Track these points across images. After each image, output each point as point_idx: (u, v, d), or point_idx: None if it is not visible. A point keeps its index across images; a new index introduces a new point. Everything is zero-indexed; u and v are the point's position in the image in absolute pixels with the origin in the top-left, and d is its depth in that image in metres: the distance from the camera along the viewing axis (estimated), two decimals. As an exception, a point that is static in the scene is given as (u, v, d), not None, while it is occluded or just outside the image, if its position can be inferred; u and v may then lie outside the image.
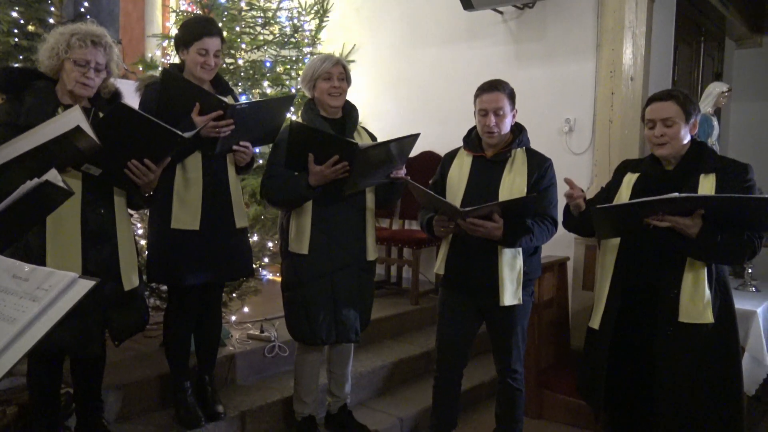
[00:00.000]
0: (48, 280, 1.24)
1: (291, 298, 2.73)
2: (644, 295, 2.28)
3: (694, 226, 2.12)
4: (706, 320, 2.18)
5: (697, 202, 2.10)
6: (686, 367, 2.21)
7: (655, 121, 2.28)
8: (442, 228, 2.55)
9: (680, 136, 2.25)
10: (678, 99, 2.26)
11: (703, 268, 2.20)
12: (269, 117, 2.61)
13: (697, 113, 2.30)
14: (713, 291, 2.21)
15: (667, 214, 2.12)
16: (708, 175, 2.23)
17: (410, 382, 3.66)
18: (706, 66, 5.34)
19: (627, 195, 2.35)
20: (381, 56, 5.26)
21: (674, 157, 2.29)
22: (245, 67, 4.23)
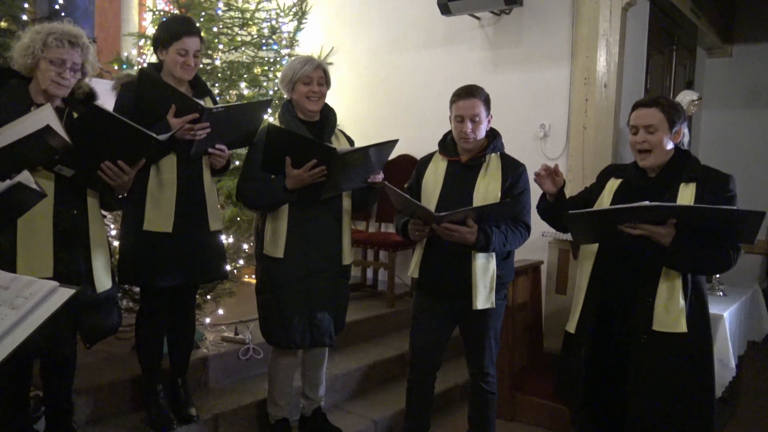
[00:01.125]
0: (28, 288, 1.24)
1: (265, 301, 2.72)
2: (620, 301, 2.29)
3: (667, 235, 2.11)
4: (680, 329, 2.18)
5: (668, 211, 2.10)
6: (660, 373, 2.23)
7: (638, 127, 2.27)
8: (417, 232, 2.56)
9: (662, 144, 2.24)
10: (662, 106, 2.25)
11: (678, 278, 2.19)
12: (246, 120, 2.60)
13: (682, 121, 2.27)
14: (688, 300, 2.21)
15: (641, 222, 2.12)
16: (688, 185, 2.21)
17: (385, 385, 3.67)
18: (678, 74, 5.43)
19: (608, 200, 2.35)
20: (359, 59, 5.27)
21: (657, 165, 2.28)
22: (222, 67, 4.21)
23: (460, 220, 2.44)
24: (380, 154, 2.59)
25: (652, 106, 2.25)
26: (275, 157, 2.52)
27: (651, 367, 2.23)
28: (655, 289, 2.20)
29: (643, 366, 2.24)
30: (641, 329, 2.23)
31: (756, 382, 4.41)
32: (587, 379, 2.35)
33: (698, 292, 2.26)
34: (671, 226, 2.11)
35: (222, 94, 4.09)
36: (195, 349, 3.14)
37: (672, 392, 2.22)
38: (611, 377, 2.33)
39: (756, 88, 5.99)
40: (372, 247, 4.63)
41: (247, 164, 2.70)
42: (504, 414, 3.58)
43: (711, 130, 6.20)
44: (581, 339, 2.35)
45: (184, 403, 2.80)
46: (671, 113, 2.24)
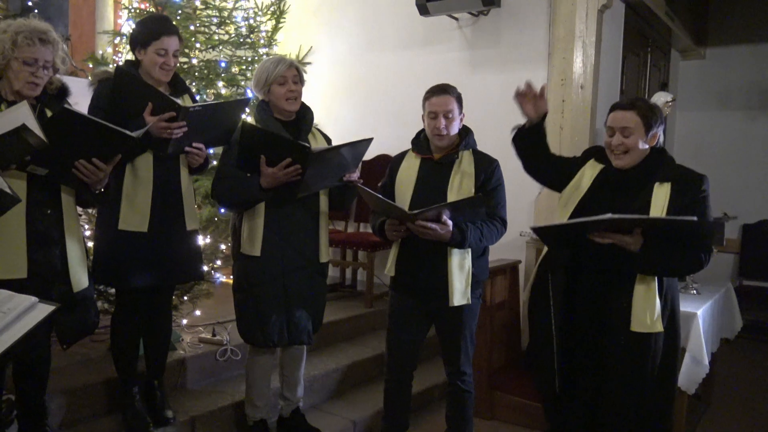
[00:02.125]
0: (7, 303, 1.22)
1: (242, 300, 2.71)
2: (595, 301, 2.33)
3: (635, 243, 2.16)
4: (657, 330, 2.25)
5: (630, 223, 2.14)
6: (634, 369, 2.28)
7: (614, 129, 2.29)
8: (394, 232, 2.56)
9: (637, 147, 2.26)
10: (639, 110, 2.26)
11: (654, 280, 2.24)
12: (224, 119, 2.58)
13: (659, 125, 2.29)
14: (662, 300, 2.27)
15: (609, 231, 2.15)
16: (663, 184, 2.24)
17: (364, 385, 3.67)
18: (653, 76, 5.51)
19: (586, 186, 2.38)
20: (338, 59, 5.26)
21: (632, 165, 2.30)
22: (200, 66, 4.17)
23: (434, 217, 2.45)
24: (355, 153, 2.59)
25: (629, 109, 2.27)
26: (250, 156, 2.50)
27: (627, 364, 2.28)
28: (631, 291, 2.24)
29: (619, 363, 2.28)
30: (619, 330, 2.26)
31: (729, 378, 4.49)
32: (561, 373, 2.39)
33: (670, 291, 2.32)
34: (638, 234, 2.15)
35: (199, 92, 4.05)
36: (172, 351, 3.11)
37: (642, 386, 2.28)
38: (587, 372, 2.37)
39: (728, 90, 6.10)
40: (351, 246, 4.63)
41: (223, 162, 2.68)
42: (483, 413, 3.60)
43: (684, 131, 6.29)
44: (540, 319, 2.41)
45: (161, 405, 2.77)
46: (648, 117, 2.26)
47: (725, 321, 3.88)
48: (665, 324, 2.27)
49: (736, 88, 6.07)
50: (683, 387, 3.14)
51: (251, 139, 2.50)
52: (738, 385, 4.45)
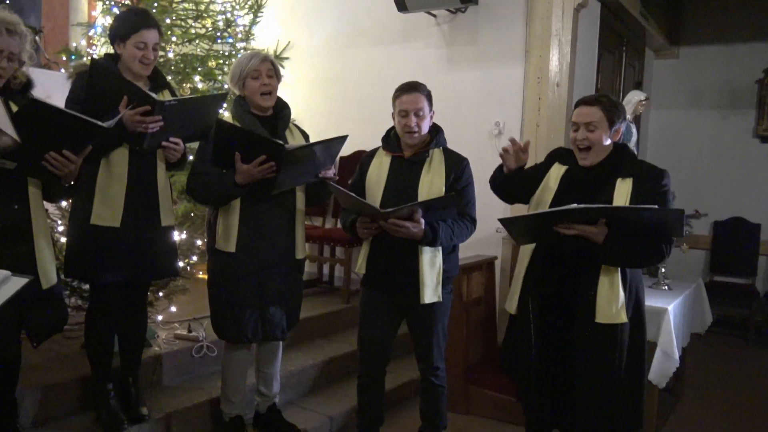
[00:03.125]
0: None
1: (217, 295, 2.70)
2: (562, 292, 2.38)
3: (599, 234, 2.21)
4: (621, 320, 2.30)
5: (595, 213, 2.19)
6: (601, 361, 2.33)
7: (579, 124, 2.35)
8: (365, 229, 2.57)
9: (601, 142, 2.32)
10: (603, 105, 2.32)
11: (617, 272, 2.29)
12: (200, 114, 2.55)
13: (621, 120, 2.35)
14: (626, 291, 2.32)
15: (574, 223, 2.20)
16: (625, 180, 2.30)
17: (340, 381, 3.67)
18: (628, 74, 5.58)
19: (554, 185, 2.43)
20: (316, 54, 5.24)
21: (596, 161, 2.36)
22: (176, 60, 4.12)
23: (406, 215, 2.46)
24: (330, 150, 2.59)
25: (593, 105, 2.33)
26: (225, 152, 2.49)
27: (594, 355, 2.33)
28: (596, 283, 2.29)
29: (587, 354, 2.34)
30: (585, 321, 2.31)
31: (699, 372, 4.58)
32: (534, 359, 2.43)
33: (634, 282, 2.38)
34: (602, 225, 2.20)
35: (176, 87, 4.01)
36: (147, 348, 3.09)
37: (611, 378, 2.33)
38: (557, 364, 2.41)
39: (700, 90, 6.20)
40: (328, 243, 4.62)
41: (198, 158, 2.66)
42: (459, 408, 3.63)
43: (658, 129, 6.38)
44: (522, 319, 2.44)
45: (135, 402, 2.75)
46: (611, 112, 2.32)
47: (696, 316, 3.95)
48: (630, 315, 2.33)
49: (708, 88, 6.17)
50: (654, 381, 3.20)
51: (225, 135, 2.48)
52: (708, 378, 4.54)
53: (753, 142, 6.00)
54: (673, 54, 6.31)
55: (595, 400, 2.35)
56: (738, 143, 6.04)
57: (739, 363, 5.02)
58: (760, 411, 3.96)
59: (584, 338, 2.33)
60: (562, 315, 2.38)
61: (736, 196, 6.02)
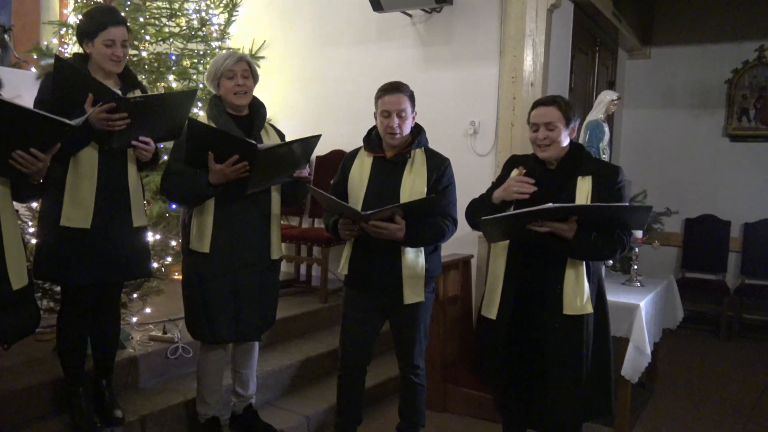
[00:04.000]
0: None
1: (191, 296, 2.68)
2: (534, 290, 2.46)
3: (570, 230, 2.32)
4: (587, 311, 2.40)
5: (570, 210, 2.30)
6: (570, 351, 2.43)
7: (538, 124, 2.44)
8: (347, 231, 2.57)
9: (561, 140, 2.43)
10: (560, 105, 2.43)
11: (582, 265, 2.41)
12: (171, 112, 2.53)
13: (576, 119, 2.47)
14: (591, 283, 2.43)
15: (546, 220, 2.30)
16: (585, 178, 2.42)
17: (318, 381, 3.67)
18: (601, 74, 5.64)
19: None
20: (291, 53, 5.22)
21: (555, 158, 2.46)
22: (150, 59, 4.08)
23: (388, 217, 2.46)
24: (304, 150, 2.59)
25: (550, 105, 2.45)
26: (198, 152, 2.48)
27: (565, 346, 2.42)
28: (563, 277, 2.40)
29: (558, 346, 2.43)
30: (554, 314, 2.41)
31: (671, 367, 4.66)
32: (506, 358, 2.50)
33: (597, 275, 2.50)
34: (573, 222, 2.31)
35: (149, 86, 3.97)
36: (121, 350, 3.06)
37: (580, 367, 2.42)
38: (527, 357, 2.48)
39: (672, 89, 6.30)
40: (305, 242, 4.61)
41: (171, 158, 2.65)
42: (436, 406, 3.64)
43: (630, 128, 6.47)
44: (501, 325, 2.49)
45: (109, 405, 2.72)
46: (567, 111, 2.44)
47: (667, 312, 4.02)
48: (594, 305, 2.44)
49: (680, 88, 6.27)
50: (627, 376, 3.25)
51: (198, 135, 2.47)
52: (680, 373, 4.62)
53: (723, 141, 6.11)
54: (645, 54, 6.40)
55: (567, 391, 2.43)
56: (709, 142, 6.14)
57: (711, 358, 5.11)
58: (730, 404, 4.04)
59: (553, 331, 2.42)
60: (531, 311, 2.45)
61: (707, 193, 6.12)
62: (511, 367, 2.50)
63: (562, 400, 2.44)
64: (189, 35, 4.25)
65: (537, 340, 2.45)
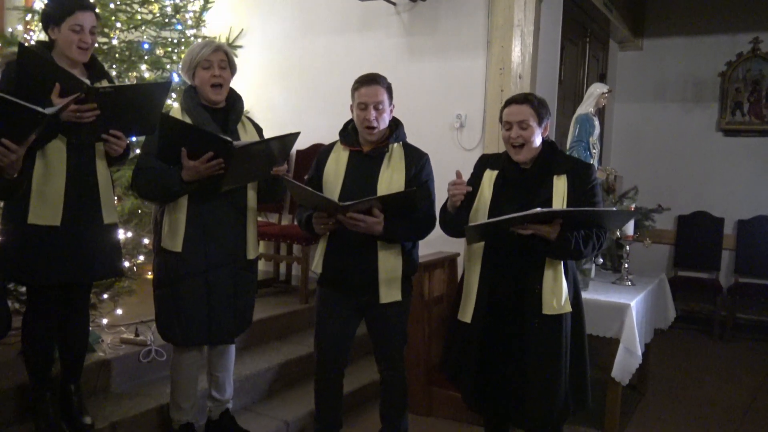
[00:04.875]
0: None
1: (162, 296, 2.67)
2: (511, 290, 2.52)
3: (554, 232, 2.39)
4: (566, 310, 2.48)
5: (556, 214, 2.37)
6: (549, 350, 2.49)
7: (512, 123, 2.49)
8: (322, 225, 2.57)
9: (533, 139, 2.48)
10: (532, 103, 2.49)
11: (560, 265, 2.48)
12: (142, 103, 2.50)
13: (548, 117, 2.54)
14: (568, 282, 2.50)
15: (529, 223, 2.36)
16: (560, 176, 2.49)
17: (298, 384, 3.66)
18: (591, 66, 5.69)
19: (489, 192, 2.57)
20: (270, 43, 5.20)
21: (530, 158, 2.52)
22: (121, 48, 4.04)
23: (365, 209, 2.47)
24: (282, 147, 2.58)
25: (523, 103, 2.51)
26: (171, 147, 2.46)
27: (543, 346, 2.49)
28: (542, 277, 2.46)
29: (537, 346, 2.49)
30: (533, 314, 2.47)
31: (663, 368, 4.72)
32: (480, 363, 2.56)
33: (572, 272, 2.57)
34: (557, 224, 2.38)
35: (120, 76, 3.93)
36: (90, 353, 3.03)
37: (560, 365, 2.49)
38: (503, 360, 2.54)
39: (664, 82, 6.37)
40: (285, 240, 4.60)
41: (143, 152, 2.64)
42: (420, 409, 3.65)
43: (622, 122, 6.53)
44: (476, 328, 2.55)
45: (78, 411, 2.69)
46: (540, 109, 2.51)
47: (659, 311, 4.06)
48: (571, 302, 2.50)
49: (672, 80, 6.34)
50: (617, 378, 3.28)
51: (170, 130, 2.45)
52: (672, 374, 4.68)
53: (716, 135, 6.19)
54: (637, 46, 6.46)
55: (546, 390, 2.50)
56: (702, 137, 6.22)
57: (703, 358, 5.18)
58: (724, 406, 4.09)
59: (532, 331, 2.48)
60: (513, 314, 2.51)
61: (700, 190, 6.20)
62: (486, 368, 2.55)
63: (541, 399, 2.50)
64: (162, 22, 4.21)
65: (514, 341, 2.52)
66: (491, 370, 2.56)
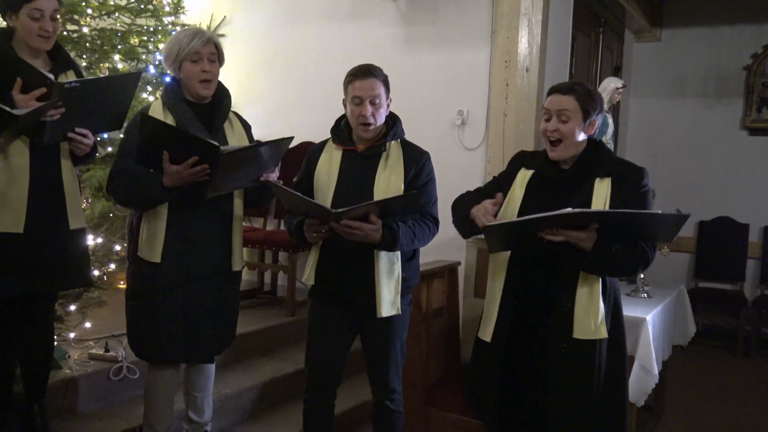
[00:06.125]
0: None
1: (136, 308, 2.66)
2: (537, 308, 2.40)
3: (589, 240, 2.23)
4: (601, 336, 2.32)
5: (591, 217, 2.21)
6: (578, 381, 2.36)
7: (551, 112, 2.37)
8: (314, 233, 2.56)
9: (574, 135, 2.35)
10: (578, 94, 2.35)
11: (598, 281, 2.32)
12: (111, 98, 2.50)
13: (597, 113, 2.39)
14: (606, 303, 2.36)
15: (560, 228, 2.23)
16: (603, 180, 2.34)
17: (284, 404, 3.66)
18: (605, 59, 5.70)
19: (521, 194, 2.45)
20: (255, 31, 5.21)
21: (569, 157, 2.40)
22: (92, 36, 4.04)
23: (361, 215, 2.46)
24: (273, 152, 2.57)
25: (567, 93, 2.36)
26: (151, 150, 2.44)
27: (571, 375, 2.36)
28: (574, 294, 2.32)
29: (563, 374, 2.36)
30: (561, 338, 2.34)
31: (681, 388, 4.72)
32: (502, 388, 2.45)
33: (613, 294, 2.42)
34: (593, 230, 2.22)
35: (91, 67, 3.93)
36: (56, 370, 3.03)
37: (589, 399, 2.36)
38: (527, 386, 2.44)
39: (684, 76, 6.38)
40: (270, 247, 4.59)
41: (120, 154, 2.61)
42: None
43: (637, 119, 6.54)
44: (497, 348, 2.45)
45: (41, 433, 2.69)
46: (586, 102, 2.35)
47: (677, 326, 4.07)
48: (609, 328, 2.36)
49: (692, 74, 6.36)
50: (632, 398, 3.27)
51: (152, 131, 2.44)
52: (691, 395, 4.68)
53: (741, 134, 6.21)
54: (655, 37, 6.48)
55: (571, 424, 2.38)
56: (724, 135, 6.23)
57: (726, 377, 5.18)
58: (747, 429, 4.10)
59: (560, 357, 2.35)
60: (539, 336, 2.40)
61: (723, 193, 6.21)
62: (507, 399, 2.45)
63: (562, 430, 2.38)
64: (137, 9, 4.21)
65: (539, 368, 2.39)
66: (514, 399, 2.44)
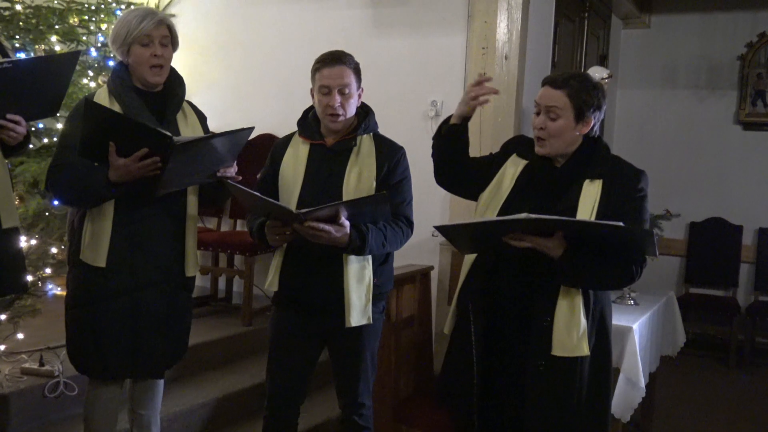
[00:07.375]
0: None
1: (77, 318, 2.64)
2: (514, 321, 2.41)
3: (556, 248, 2.24)
4: (582, 353, 2.31)
5: (549, 224, 2.21)
6: (557, 399, 2.37)
7: (540, 106, 2.37)
8: (276, 236, 2.57)
9: (561, 134, 2.34)
10: (572, 89, 2.32)
11: (579, 294, 2.31)
12: (46, 81, 2.45)
13: (594, 110, 2.35)
14: (590, 319, 2.35)
15: (526, 234, 2.24)
16: (594, 181, 2.34)
17: (241, 422, 3.68)
18: (591, 46, 5.78)
19: (509, 186, 2.46)
20: (208, 11, 5.19)
21: (561, 154, 2.41)
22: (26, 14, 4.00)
23: (327, 216, 2.47)
24: (231, 144, 2.57)
25: (559, 88, 2.33)
26: (96, 141, 2.42)
27: (549, 393, 2.36)
28: (554, 308, 2.32)
29: (540, 393, 2.37)
30: (539, 354, 2.34)
31: (670, 402, 4.80)
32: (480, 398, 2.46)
33: (599, 309, 2.41)
34: (560, 238, 2.24)
35: (25, 48, 3.89)
36: (-16, 386, 3.00)
37: (569, 416, 2.38)
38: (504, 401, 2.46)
39: (674, 65, 6.49)
40: (225, 250, 4.59)
41: (61, 146, 2.60)
42: (385, 451, 3.67)
43: (625, 112, 6.63)
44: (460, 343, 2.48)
45: (-32, 457, 2.66)
46: (580, 99, 2.32)
47: (666, 335, 4.15)
48: (593, 344, 2.37)
49: (683, 64, 6.47)
50: (617, 414, 3.34)
51: (97, 120, 2.42)
52: (680, 409, 4.76)
53: (734, 129, 6.34)
54: (644, 23, 6.59)
55: None
56: (717, 130, 6.36)
57: (718, 389, 5.29)
58: (739, 445, 4.19)
59: (537, 375, 2.35)
60: (512, 349, 2.42)
61: (715, 193, 6.32)
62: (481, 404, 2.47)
63: None
64: (78, -15, 4.18)
65: (513, 386, 2.41)
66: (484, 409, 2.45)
